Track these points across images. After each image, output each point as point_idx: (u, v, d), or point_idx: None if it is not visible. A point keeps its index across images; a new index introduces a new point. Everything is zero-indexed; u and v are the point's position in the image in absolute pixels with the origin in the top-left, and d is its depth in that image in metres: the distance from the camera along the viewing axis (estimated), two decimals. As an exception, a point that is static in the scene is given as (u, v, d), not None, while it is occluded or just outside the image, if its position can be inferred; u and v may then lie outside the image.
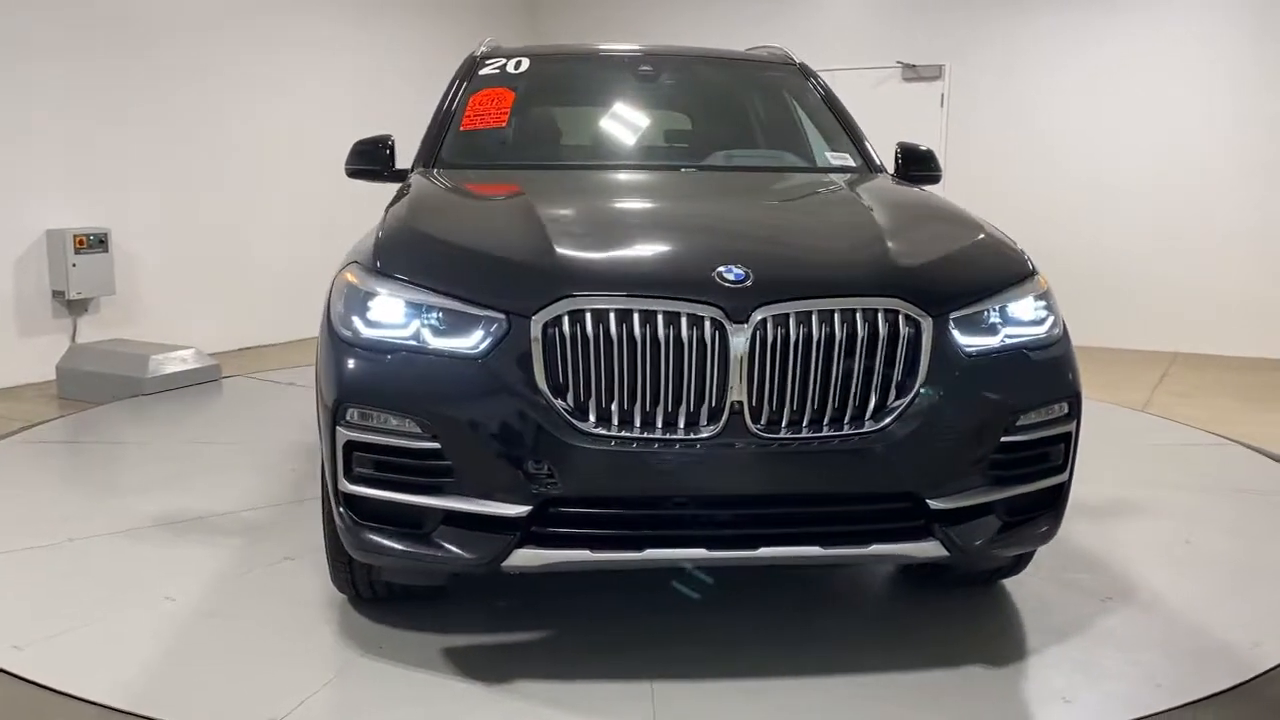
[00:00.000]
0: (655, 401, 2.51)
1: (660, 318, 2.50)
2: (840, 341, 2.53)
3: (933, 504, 2.62)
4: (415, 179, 3.64)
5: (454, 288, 2.64)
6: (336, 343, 2.74)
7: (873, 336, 2.55)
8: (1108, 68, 8.39)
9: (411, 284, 2.69)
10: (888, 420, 2.57)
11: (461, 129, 4.02)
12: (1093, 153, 8.47)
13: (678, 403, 2.51)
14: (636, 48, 4.60)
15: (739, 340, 2.49)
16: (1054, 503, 2.85)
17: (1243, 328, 7.98)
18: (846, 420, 2.57)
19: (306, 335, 8.34)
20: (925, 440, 2.59)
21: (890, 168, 4.06)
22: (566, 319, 2.51)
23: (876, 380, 2.57)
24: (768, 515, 2.62)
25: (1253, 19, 7.91)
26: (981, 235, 3.00)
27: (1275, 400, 6.33)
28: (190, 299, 7.60)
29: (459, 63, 4.36)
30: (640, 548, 2.57)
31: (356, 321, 2.72)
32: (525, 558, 2.56)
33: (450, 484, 2.57)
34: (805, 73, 4.51)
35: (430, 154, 3.90)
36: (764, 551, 2.60)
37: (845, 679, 2.78)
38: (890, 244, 2.80)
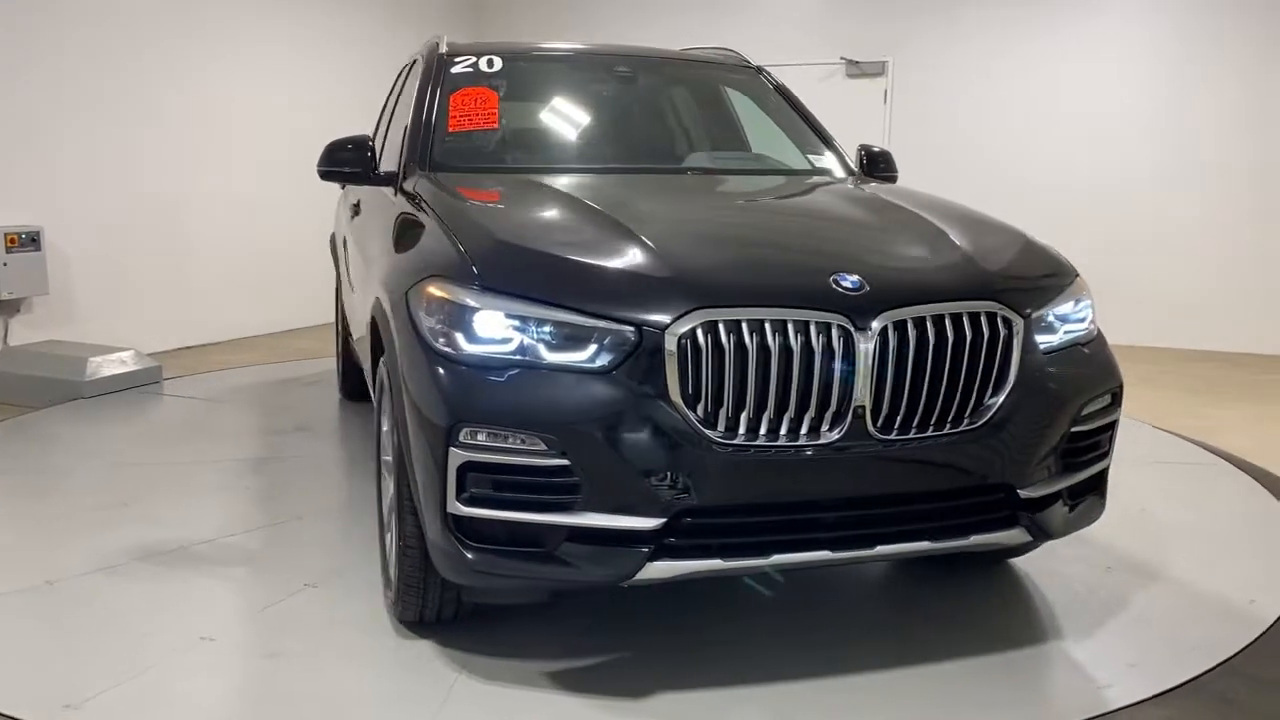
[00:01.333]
0: (784, 408, 2.55)
1: (790, 326, 2.54)
2: (951, 344, 2.65)
3: (1022, 493, 2.79)
4: (427, 183, 3.51)
5: (574, 301, 2.59)
6: (437, 360, 2.63)
7: (977, 338, 2.69)
8: (1047, 62, 8.55)
9: (523, 298, 2.61)
10: (986, 417, 2.72)
11: (449, 130, 3.89)
12: (1034, 148, 8.64)
13: (804, 409, 2.56)
14: (605, 48, 4.58)
15: (865, 346, 2.57)
16: (1100, 485, 3.09)
17: (1186, 322, 8.20)
18: (953, 419, 2.69)
19: (248, 334, 8.29)
20: (1017, 434, 2.75)
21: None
22: (700, 330, 2.51)
23: (979, 380, 2.71)
24: (884, 514, 2.71)
25: (1188, 13, 8.15)
26: (1027, 240, 3.19)
27: (1211, 392, 6.54)
28: (128, 298, 7.34)
29: (399, 58, 4.20)
30: (768, 554, 2.62)
31: (458, 338, 2.62)
32: (657, 570, 2.56)
33: (578, 500, 2.53)
34: (763, 75, 4.62)
35: (422, 156, 3.75)
36: (880, 549, 2.70)
37: (913, 670, 2.91)
38: (966, 249, 2.94)
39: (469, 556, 2.60)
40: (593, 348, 2.56)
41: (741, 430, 2.54)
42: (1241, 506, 4.41)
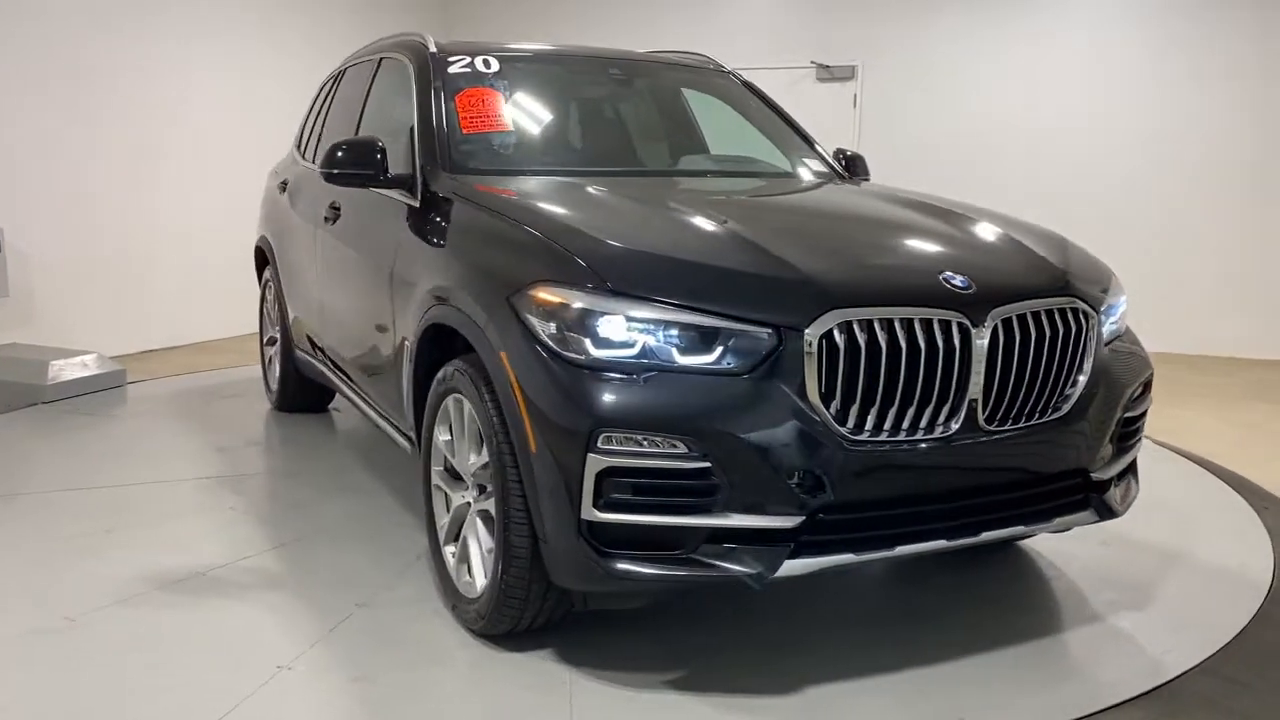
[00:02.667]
0: (909, 403, 2.64)
1: (917, 324, 2.63)
2: (1048, 337, 2.81)
3: (1094, 476, 2.98)
4: (468, 187, 3.43)
5: (710, 304, 2.60)
6: (566, 366, 2.59)
7: (1065, 331, 2.85)
8: (1017, 66, 8.67)
9: (655, 301, 2.60)
10: (1069, 405, 2.89)
11: (463, 132, 3.80)
12: (1003, 152, 8.72)
13: (926, 403, 2.66)
14: (591, 50, 4.57)
15: (980, 341, 2.69)
16: (1135, 467, 3.32)
17: (1152, 324, 8.23)
18: (1043, 409, 2.85)
19: (213, 337, 8.06)
20: (1090, 421, 2.94)
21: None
22: (836, 330, 2.57)
23: (1066, 371, 2.87)
24: (989, 502, 2.83)
25: (1156, 19, 8.29)
26: (1069, 241, 3.38)
27: (1171, 394, 6.35)
28: (91, 300, 7.20)
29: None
30: (893, 545, 2.70)
31: (585, 343, 2.59)
32: (794, 567, 2.60)
33: (717, 502, 2.54)
34: (740, 80, 4.72)
35: (441, 159, 3.64)
36: (985, 535, 2.82)
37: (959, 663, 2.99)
38: (1036, 249, 3.11)
39: (606, 563, 2.57)
40: (730, 349, 2.57)
41: (869, 426, 2.61)
42: (1210, 506, 4.40)
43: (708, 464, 2.51)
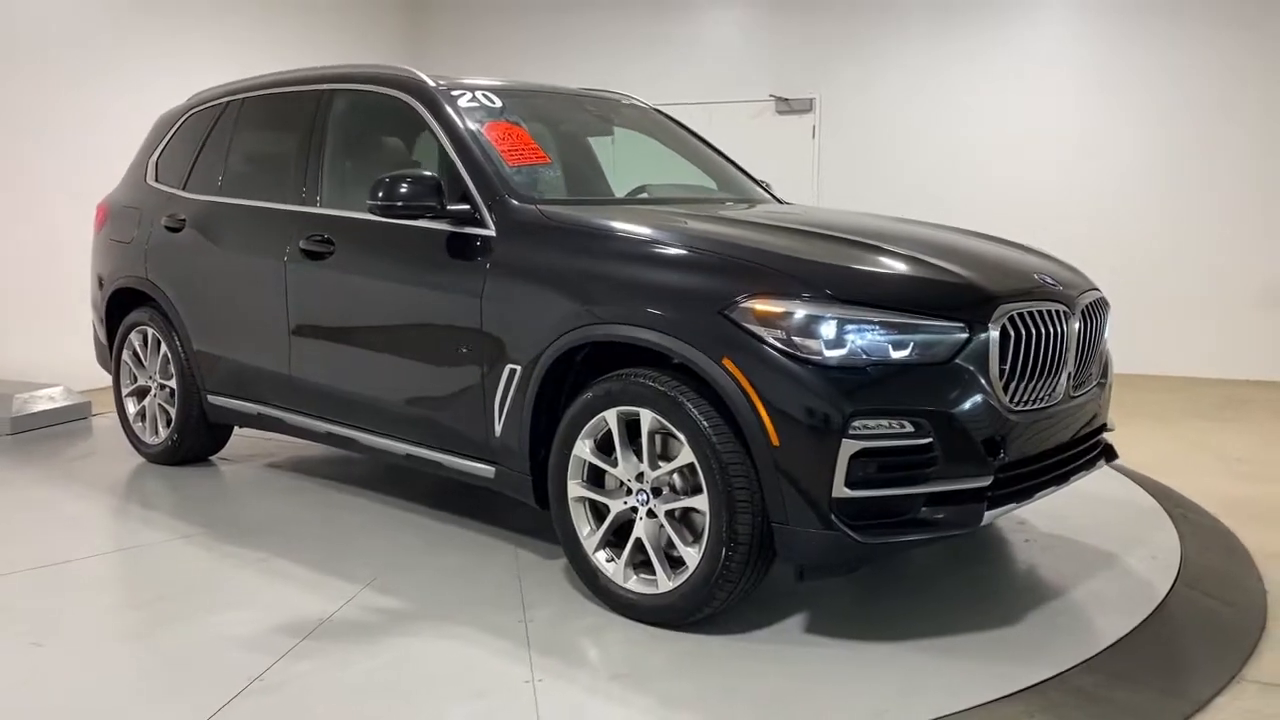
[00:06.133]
0: (1042, 378, 3.31)
1: (1048, 315, 3.31)
2: (1101, 322, 3.61)
3: (1107, 430, 3.82)
4: (584, 216, 3.68)
5: (912, 306, 3.10)
6: (810, 367, 2.98)
7: (1104, 315, 3.68)
8: (972, 94, 8.97)
9: (870, 306, 3.06)
10: (1100, 374, 3.71)
11: (509, 164, 3.97)
12: (960, 179, 8.95)
13: (1049, 377, 3.35)
14: (539, 85, 4.84)
15: (1077, 325, 3.43)
16: None
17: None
18: (1094, 376, 3.64)
19: None
20: (1105, 386, 3.79)
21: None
22: (1007, 322, 3.18)
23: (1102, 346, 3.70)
24: (1073, 454, 3.56)
25: (1107, 47, 8.56)
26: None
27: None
28: (57, 334, 7.08)
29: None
30: (1032, 494, 3.34)
31: (818, 344, 3.00)
32: (987, 517, 3.16)
33: (934, 471, 3.05)
34: (665, 115, 5.20)
35: (501, 189, 3.81)
36: (1072, 480, 3.55)
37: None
38: (1051, 254, 3.90)
39: (858, 534, 2.98)
40: (935, 343, 3.08)
41: (1020, 399, 3.24)
42: (1127, 514, 4.55)
43: (930, 439, 3.02)
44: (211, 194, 4.99)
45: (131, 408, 5.48)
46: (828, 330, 3.01)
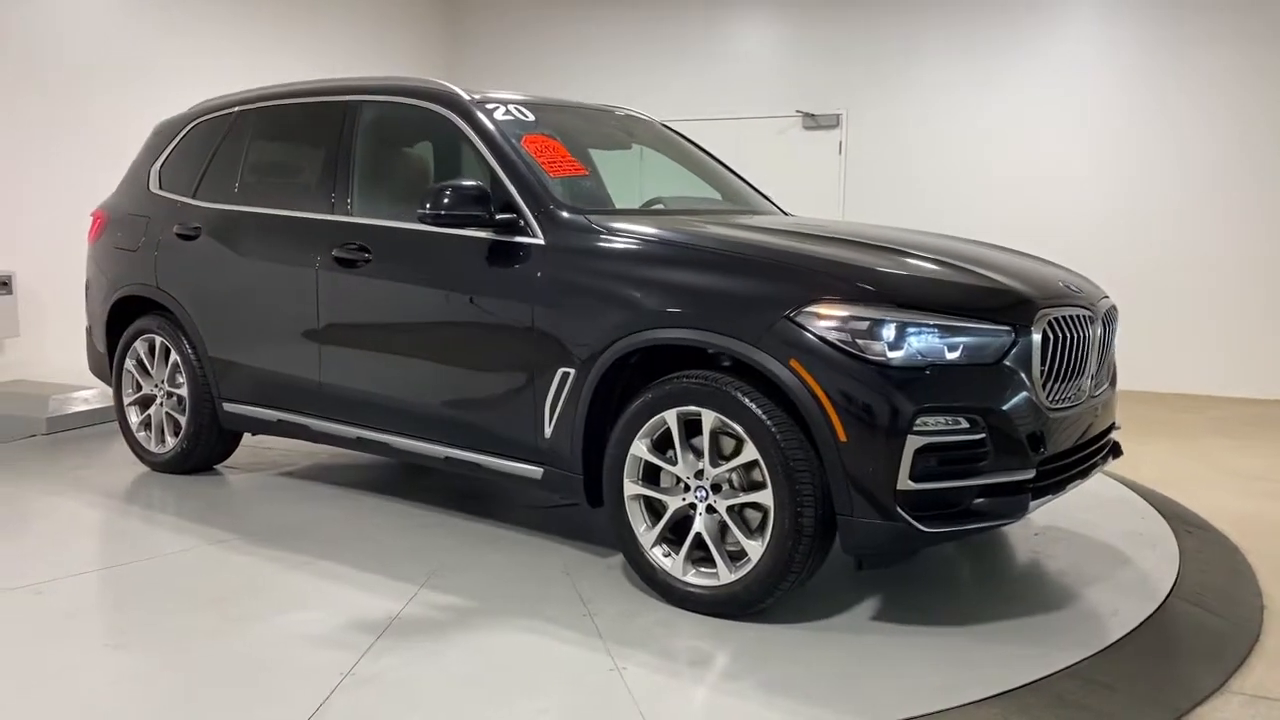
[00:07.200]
0: (1072, 378, 3.55)
1: (1079, 319, 3.56)
2: (1114, 327, 3.88)
3: (1116, 429, 4.09)
4: (610, 224, 3.83)
5: (966, 310, 3.32)
6: (876, 367, 3.18)
7: (1116, 320, 3.95)
8: (1001, 112, 8.99)
9: (928, 310, 3.26)
10: (1114, 374, 3.98)
11: (551, 176, 4.10)
12: (986, 197, 8.96)
13: (1077, 377, 3.60)
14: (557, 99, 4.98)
15: (1098, 331, 3.68)
16: None
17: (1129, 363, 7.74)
18: (1108, 378, 3.91)
19: None
20: (1115, 388, 4.06)
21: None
22: (1047, 326, 3.41)
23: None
24: (1093, 450, 3.82)
25: (1128, 64, 8.59)
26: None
27: (1135, 429, 6.15)
28: None
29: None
30: (1064, 487, 3.59)
31: (882, 346, 3.19)
32: (1031, 507, 3.39)
33: (986, 465, 3.27)
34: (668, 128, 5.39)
35: (545, 200, 3.94)
36: (1092, 474, 3.80)
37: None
38: (1053, 263, 4.16)
39: (919, 525, 3.17)
40: (985, 345, 3.30)
41: (1054, 397, 3.47)
42: (1132, 529, 4.56)
43: (983, 435, 3.24)
44: (227, 202, 5.01)
45: (134, 417, 5.44)
46: (889, 333, 3.20)
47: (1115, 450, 4.10)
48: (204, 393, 5.07)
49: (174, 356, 5.19)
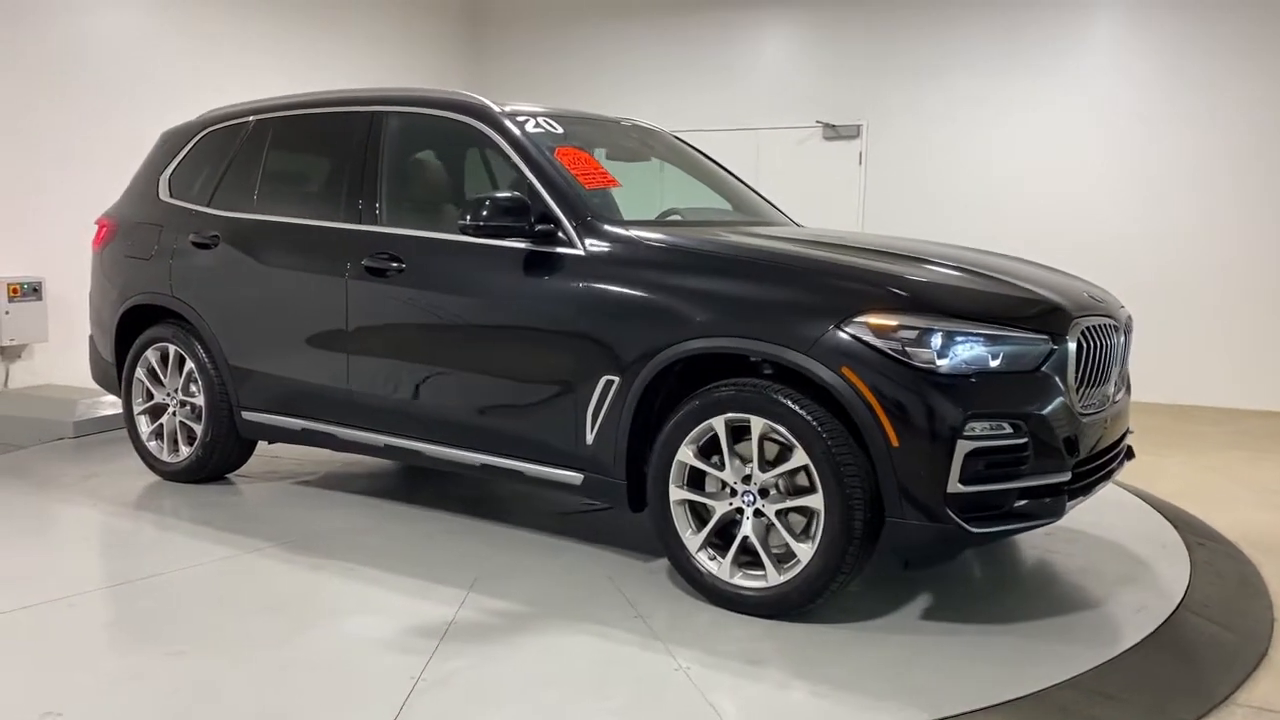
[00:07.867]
0: (1100, 384, 3.72)
1: (1106, 328, 3.72)
2: (1130, 336, 4.06)
3: (1130, 435, 4.27)
4: (673, 238, 3.95)
5: (1007, 320, 3.46)
6: (920, 375, 3.31)
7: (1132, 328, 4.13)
8: (1021, 123, 9.00)
9: (973, 320, 3.40)
10: (1130, 381, 4.16)
11: (587, 188, 4.18)
12: (1006, 208, 8.98)
13: (1103, 384, 3.76)
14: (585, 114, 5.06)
15: (1121, 339, 3.85)
16: None
17: (1143, 377, 7.31)
18: (1126, 384, 4.08)
19: None
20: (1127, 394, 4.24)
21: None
22: (1081, 335, 3.57)
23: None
24: (1115, 454, 3.98)
25: (1155, 83, 8.60)
26: None
27: (1154, 442, 6.38)
28: None
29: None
30: (1093, 489, 3.75)
31: (930, 354, 3.33)
32: (1068, 509, 3.54)
33: (1028, 468, 3.41)
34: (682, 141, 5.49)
35: (584, 212, 4.03)
36: (1113, 480, 3.96)
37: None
38: (1072, 275, 4.33)
39: (967, 527, 3.31)
40: (1026, 353, 3.45)
41: (1085, 403, 3.63)
42: (1144, 541, 4.57)
43: (1025, 439, 3.38)
44: (245, 211, 5.02)
45: (145, 426, 5.42)
46: (938, 342, 3.34)
47: (1129, 453, 4.27)
48: (221, 401, 5.07)
49: (189, 365, 5.17)
